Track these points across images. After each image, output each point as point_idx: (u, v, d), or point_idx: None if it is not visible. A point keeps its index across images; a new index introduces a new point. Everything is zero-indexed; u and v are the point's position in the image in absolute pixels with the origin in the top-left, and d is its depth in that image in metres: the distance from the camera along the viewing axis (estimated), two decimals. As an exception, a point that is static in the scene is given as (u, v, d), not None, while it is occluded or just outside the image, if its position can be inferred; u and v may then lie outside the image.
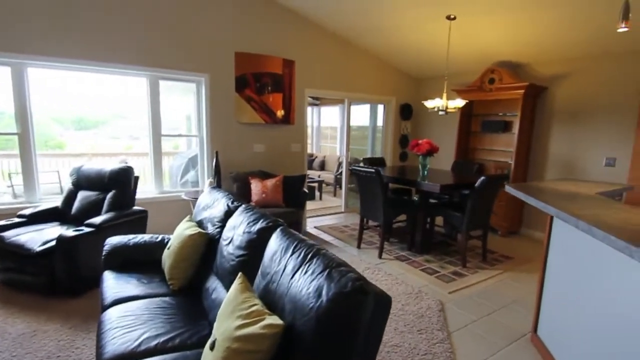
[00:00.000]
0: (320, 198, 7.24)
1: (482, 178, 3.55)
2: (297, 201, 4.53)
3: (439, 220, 5.00)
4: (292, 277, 1.41)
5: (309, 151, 9.47)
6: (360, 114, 8.20)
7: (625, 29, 2.33)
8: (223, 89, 4.49)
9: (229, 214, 2.32)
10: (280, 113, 4.96)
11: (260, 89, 4.76)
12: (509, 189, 2.44)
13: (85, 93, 5.35)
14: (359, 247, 4.28)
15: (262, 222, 1.92)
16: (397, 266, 3.76)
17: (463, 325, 2.65)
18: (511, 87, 4.72)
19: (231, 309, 1.42)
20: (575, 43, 4.08)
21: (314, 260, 1.40)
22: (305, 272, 1.37)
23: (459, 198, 4.50)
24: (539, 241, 4.79)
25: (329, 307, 1.17)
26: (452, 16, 4.05)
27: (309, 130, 9.69)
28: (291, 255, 1.51)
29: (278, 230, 1.77)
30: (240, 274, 1.61)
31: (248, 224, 1.98)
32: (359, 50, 5.67)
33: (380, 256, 3.97)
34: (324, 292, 1.21)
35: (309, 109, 9.51)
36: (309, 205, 6.35)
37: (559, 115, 4.66)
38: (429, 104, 4.37)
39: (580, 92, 4.43)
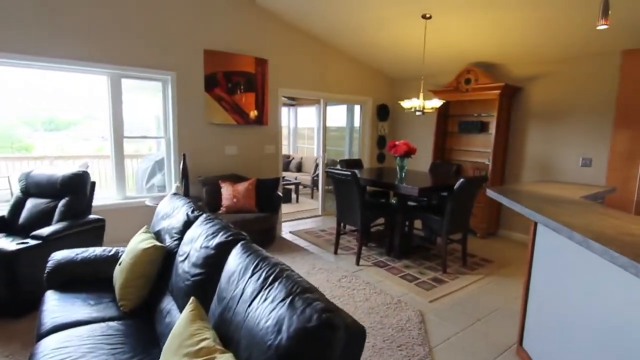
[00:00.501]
0: (297, 201, 7.03)
1: (461, 180, 3.44)
2: (271, 206, 4.31)
3: (418, 222, 4.88)
4: (249, 305, 1.20)
5: (285, 152, 9.25)
6: (338, 115, 8.05)
7: (605, 27, 2.24)
8: (191, 89, 4.22)
9: (188, 224, 2.08)
10: (253, 113, 4.73)
11: (232, 89, 4.51)
12: (490, 193, 2.31)
13: (55, 93, 4.95)
14: (335, 253, 4.10)
15: (222, 235, 1.70)
16: (375, 273, 3.60)
17: (445, 339, 2.50)
18: (487, 88, 4.66)
19: (177, 344, 1.20)
20: (550, 44, 4.05)
21: (276, 284, 1.20)
22: (265, 298, 1.16)
23: (438, 200, 4.40)
24: (517, 242, 4.75)
25: (290, 345, 0.97)
26: (427, 15, 3.93)
27: (286, 131, 9.47)
28: (250, 276, 1.31)
29: (238, 245, 1.56)
30: (192, 299, 1.39)
31: (206, 237, 1.75)
32: (334, 50, 5.50)
33: (357, 263, 3.80)
34: (284, 327, 1.01)
35: (285, 109, 9.30)
36: (285, 208, 6.13)
37: (535, 115, 4.63)
38: (406, 104, 4.25)
39: (555, 93, 4.41)
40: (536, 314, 2.16)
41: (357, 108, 6.56)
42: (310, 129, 9.19)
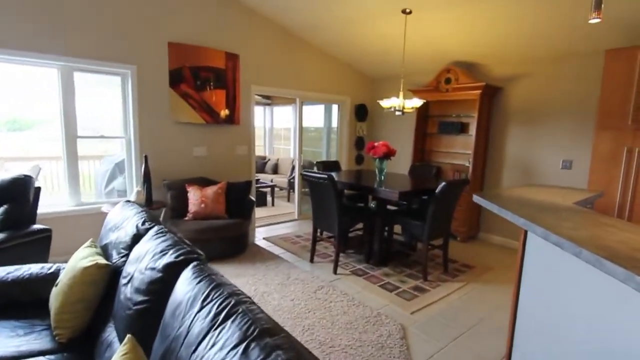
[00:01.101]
0: (273, 204, 6.75)
1: (443, 184, 3.28)
2: (243, 211, 4.03)
3: (398, 226, 4.71)
4: (194, 350, 0.95)
5: (261, 154, 8.95)
6: (316, 115, 7.83)
7: (598, 20, 2.10)
8: (154, 84, 3.88)
9: (137, 238, 1.79)
10: (224, 112, 4.43)
11: (200, 85, 4.19)
12: (478, 199, 2.13)
13: (18, 90, 4.45)
14: (312, 261, 3.86)
15: (172, 253, 1.42)
16: (354, 282, 3.38)
17: (429, 356, 2.30)
18: (468, 87, 4.55)
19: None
20: (532, 44, 3.96)
21: (228, 323, 0.94)
22: (214, 343, 0.91)
23: (419, 204, 4.24)
24: (498, 246, 4.65)
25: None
26: (407, 10, 3.76)
27: (261, 132, 9.16)
28: (199, 310, 1.05)
29: (189, 268, 1.29)
30: (127, 338, 1.12)
31: (154, 256, 1.47)
32: (311, 46, 5.27)
33: (335, 271, 3.57)
34: (233, 389, 0.76)
35: (260, 108, 8.99)
36: (260, 212, 5.85)
37: (515, 116, 4.55)
38: (385, 103, 4.06)
39: (536, 93, 4.34)
40: (526, 328, 1.99)
41: (334, 108, 6.35)
42: (287, 130, 8.92)
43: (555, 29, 3.58)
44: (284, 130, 9.09)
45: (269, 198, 6.89)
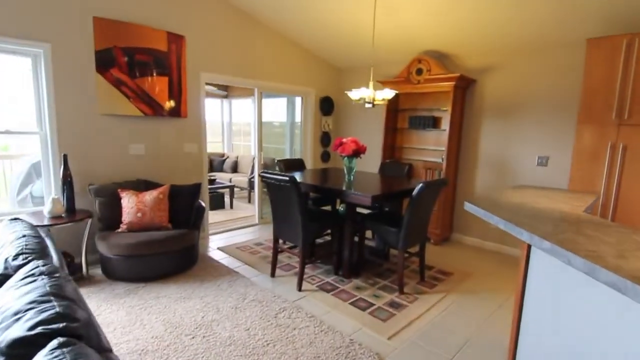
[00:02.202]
0: (231, 206, 6.15)
1: (420, 185, 2.88)
2: (190, 219, 3.45)
3: (370, 231, 4.31)
4: None
5: (219, 151, 8.28)
6: (279, 108, 7.28)
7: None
8: (76, 68, 3.19)
9: (2, 280, 1.21)
10: (168, 104, 3.80)
11: (136, 71, 3.54)
12: (472, 208, 1.73)
13: None
14: (273, 275, 3.35)
15: (29, 319, 0.88)
16: (321, 300, 2.92)
17: (414, 401, 1.89)
18: (441, 79, 4.21)
19: None
20: (506, 34, 3.66)
21: None
22: None
23: (391, 206, 3.85)
24: (473, 247, 4.38)
25: None
26: (378, -11, 3.33)
27: (219, 127, 8.47)
28: None
29: (46, 351, 0.75)
30: None
31: (3, 320, 0.91)
32: (271, 31, 4.73)
33: (299, 288, 3.09)
34: None
35: (218, 101, 8.30)
36: (217, 216, 5.25)
37: (489, 110, 4.27)
38: (354, 94, 3.62)
39: (511, 86, 4.07)
40: (531, 357, 1.62)
41: (298, 101, 5.84)
42: (248, 125, 8.29)
43: (531, 17, 3.29)
44: (245, 125, 8.46)
45: (227, 200, 6.29)
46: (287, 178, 2.85)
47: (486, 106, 4.29)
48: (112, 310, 2.63)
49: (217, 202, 5.95)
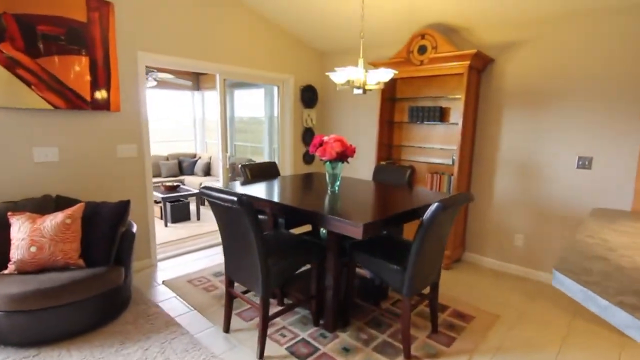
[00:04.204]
0: (198, 217, 5.18)
1: (436, 205, 1.96)
2: (112, 251, 2.48)
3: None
4: None
5: (190, 151, 7.30)
6: (256, 101, 6.31)
7: None
8: None
9: None
10: (99, 94, 2.81)
11: (40, 47, 2.56)
12: (561, 282, 0.80)
13: None
14: (227, 330, 2.41)
15: None
16: (291, 375, 1.99)
17: None
18: (450, 57, 3.28)
19: None
20: (543, -11, 2.74)
21: None
22: None
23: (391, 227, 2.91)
24: (491, 271, 3.48)
25: None
26: None
27: (190, 123, 7.47)
28: None
29: None
30: None
31: None
32: (236, 3, 3.75)
33: (260, 355, 2.15)
34: None
35: (188, 93, 7.28)
36: (177, 232, 4.31)
37: (512, 98, 3.35)
38: (338, 77, 2.67)
39: (542, 66, 3.15)
40: None
41: (276, 91, 4.87)
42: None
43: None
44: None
45: (193, 209, 5.32)
46: (234, 198, 1.89)
47: (507, 93, 3.37)
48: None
49: (180, 213, 4.98)
